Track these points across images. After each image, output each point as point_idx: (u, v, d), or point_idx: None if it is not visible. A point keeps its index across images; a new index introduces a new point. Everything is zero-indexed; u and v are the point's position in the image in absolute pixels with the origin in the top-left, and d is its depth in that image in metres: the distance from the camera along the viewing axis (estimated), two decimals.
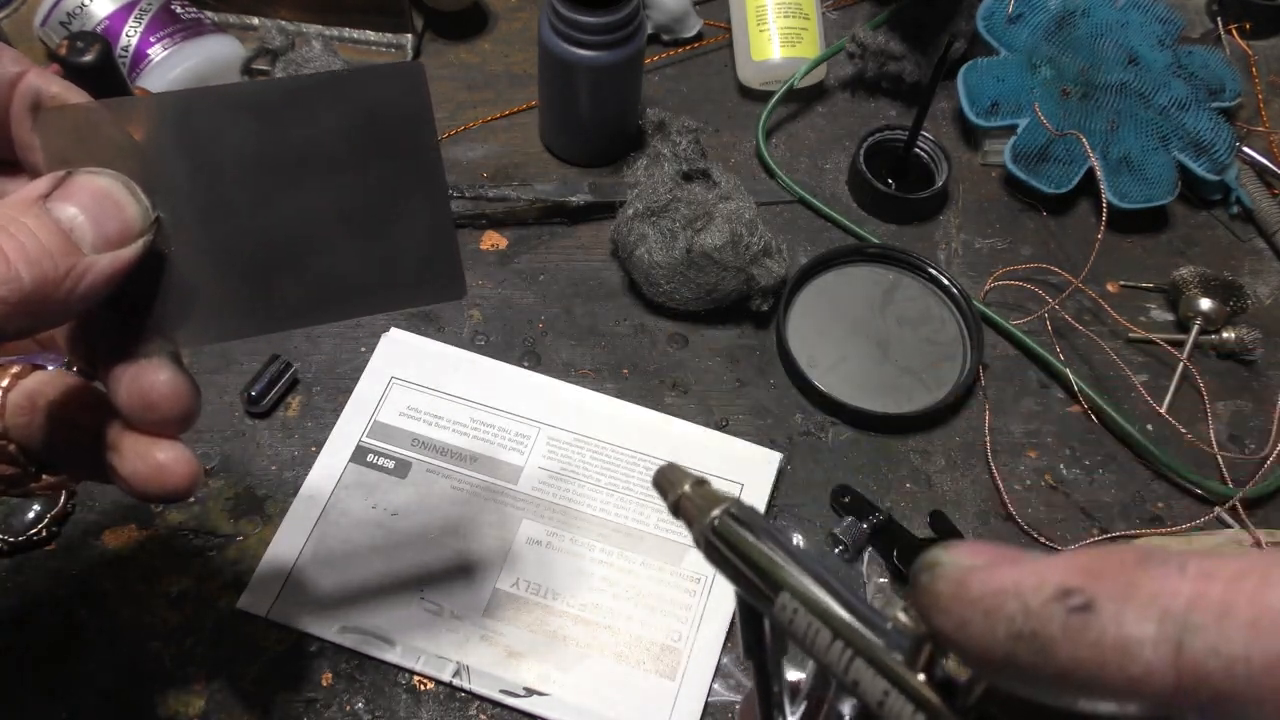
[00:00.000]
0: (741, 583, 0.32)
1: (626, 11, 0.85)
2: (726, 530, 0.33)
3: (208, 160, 0.38)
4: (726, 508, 0.34)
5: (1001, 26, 0.99)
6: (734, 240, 0.81)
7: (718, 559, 0.33)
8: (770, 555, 0.31)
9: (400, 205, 0.43)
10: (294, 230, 0.41)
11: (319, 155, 0.41)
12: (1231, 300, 0.88)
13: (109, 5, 0.91)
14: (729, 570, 0.33)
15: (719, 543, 0.33)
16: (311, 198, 0.41)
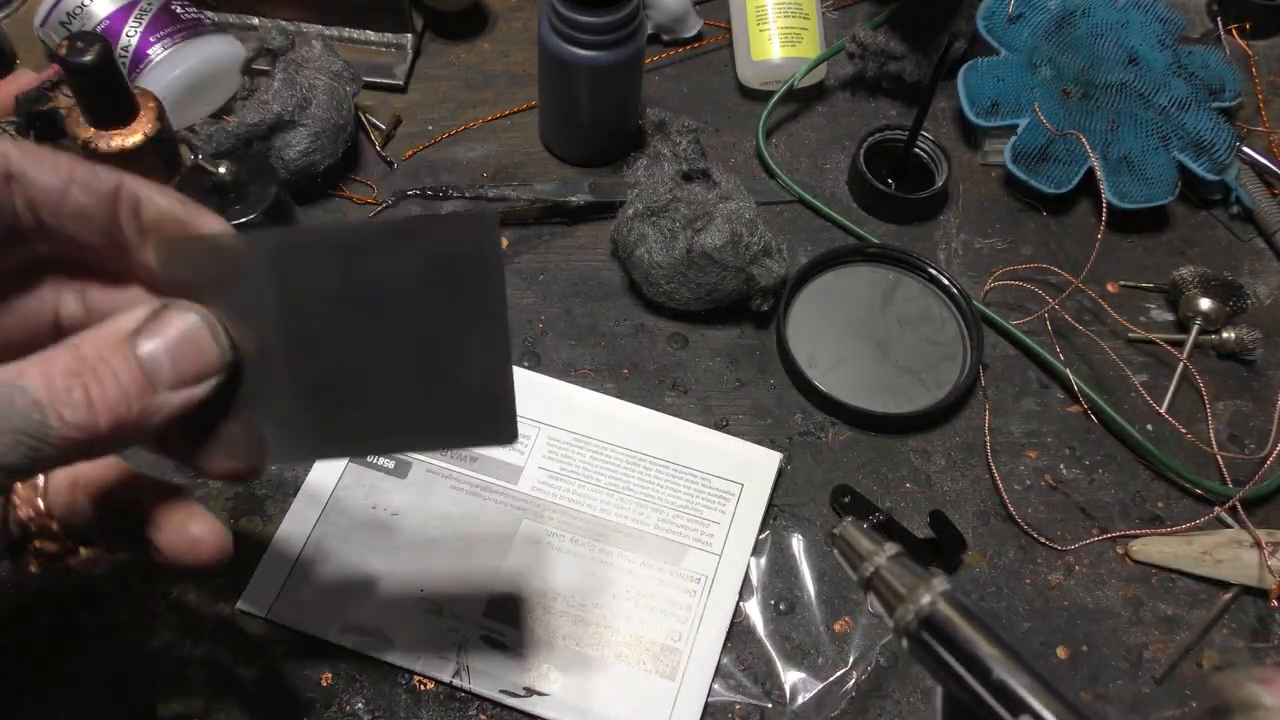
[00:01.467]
0: (956, 686, 0.28)
1: (626, 11, 0.85)
2: (942, 622, 0.28)
3: (295, 294, 0.41)
4: (942, 593, 0.29)
5: (1001, 26, 0.99)
6: (734, 240, 0.81)
7: (927, 656, 0.28)
8: (1002, 661, 0.27)
9: (463, 346, 0.45)
10: (365, 364, 0.43)
11: (394, 294, 0.43)
12: (1231, 300, 0.88)
13: (109, 5, 0.91)
14: (940, 670, 0.28)
15: (930, 637, 0.28)
16: (384, 334, 0.43)
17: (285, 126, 0.86)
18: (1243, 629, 0.76)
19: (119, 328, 0.36)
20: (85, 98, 0.82)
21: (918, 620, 0.28)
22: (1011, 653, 0.27)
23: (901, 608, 0.29)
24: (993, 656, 0.27)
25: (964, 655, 0.28)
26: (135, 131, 0.84)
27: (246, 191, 0.78)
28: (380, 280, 0.43)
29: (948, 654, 0.28)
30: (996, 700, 0.27)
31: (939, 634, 0.28)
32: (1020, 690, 0.27)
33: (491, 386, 0.47)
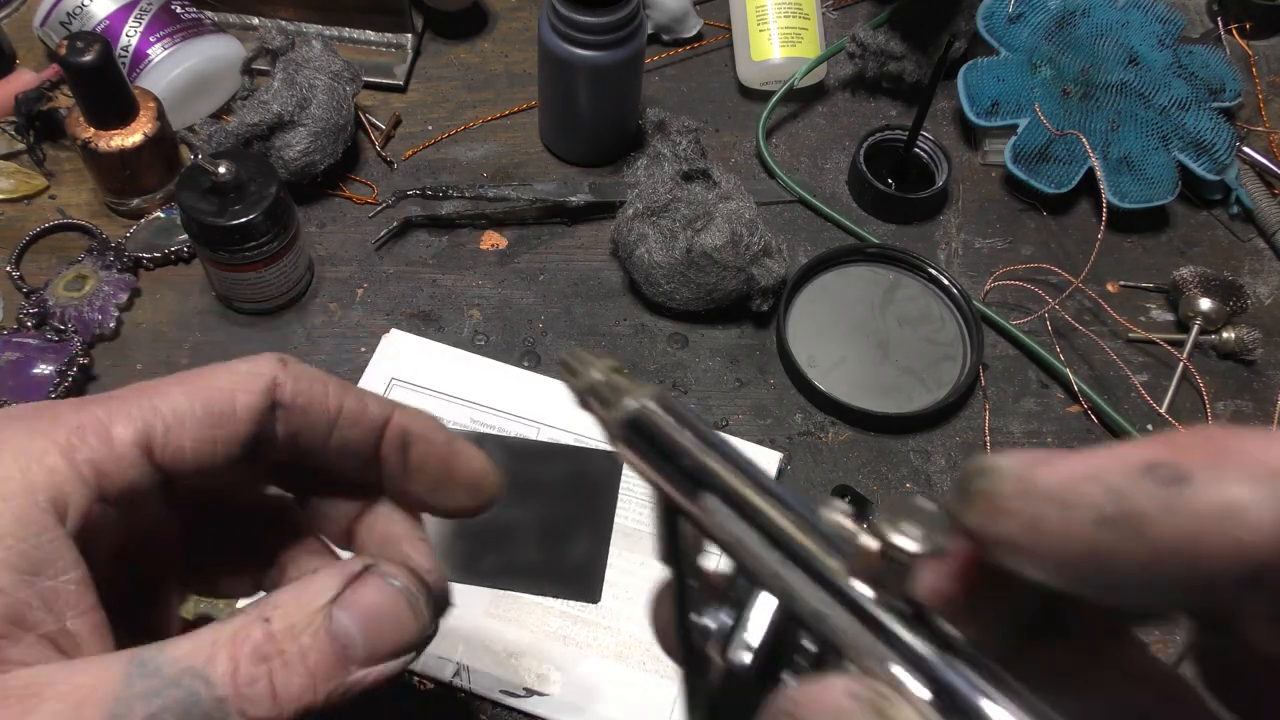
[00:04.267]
0: (661, 481, 0.28)
1: (626, 11, 0.85)
2: (648, 420, 0.28)
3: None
4: (650, 395, 0.29)
5: (1001, 26, 0.99)
6: (734, 240, 0.81)
7: (636, 452, 0.28)
8: (695, 451, 0.27)
9: (578, 531, 0.70)
10: (508, 528, 0.69)
11: (543, 487, 0.72)
12: (1231, 300, 0.88)
13: (109, 5, 0.90)
14: (648, 465, 0.28)
15: (636, 435, 0.28)
16: (527, 511, 0.70)
17: (285, 126, 0.86)
18: None
19: (315, 596, 0.33)
20: (85, 98, 0.82)
21: (626, 419, 0.28)
22: (711, 446, 0.27)
23: (612, 412, 0.28)
24: (686, 448, 0.27)
25: (666, 450, 0.27)
26: (135, 131, 0.84)
27: (246, 191, 0.78)
28: (537, 476, 0.71)
29: (651, 451, 0.27)
30: (686, 481, 0.26)
31: (645, 433, 0.28)
32: (709, 471, 0.26)
33: (590, 563, 0.69)
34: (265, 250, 0.79)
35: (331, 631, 0.32)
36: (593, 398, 0.30)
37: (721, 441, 0.27)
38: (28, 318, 0.82)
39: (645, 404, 0.28)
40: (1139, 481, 0.19)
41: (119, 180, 0.86)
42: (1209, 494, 0.18)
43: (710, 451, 0.27)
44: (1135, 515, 0.18)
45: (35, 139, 0.92)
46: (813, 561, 0.24)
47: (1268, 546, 0.17)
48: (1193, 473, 0.18)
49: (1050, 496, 0.20)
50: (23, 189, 0.91)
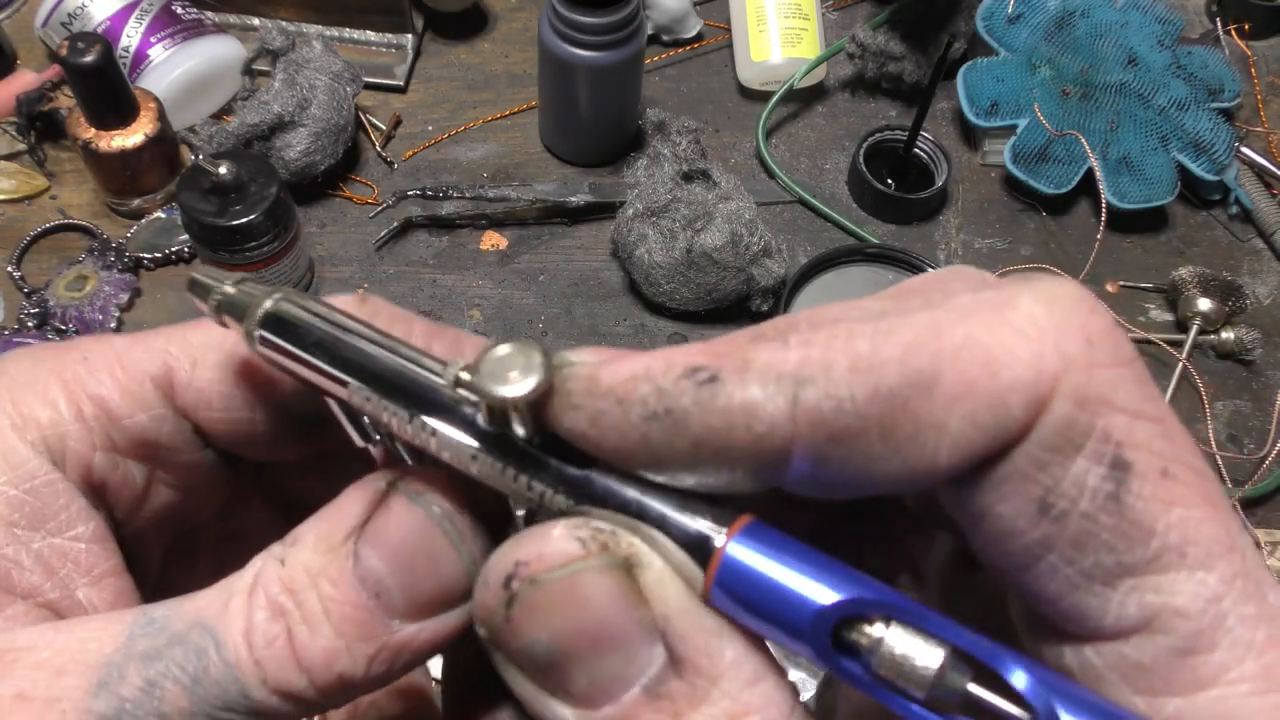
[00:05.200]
0: (309, 374, 0.26)
1: (626, 11, 0.85)
2: (283, 316, 0.26)
3: None
4: (282, 295, 0.26)
5: (1001, 26, 0.99)
6: (734, 240, 0.81)
7: (279, 352, 0.26)
8: (334, 334, 0.25)
9: None
10: None
11: None
12: (1231, 300, 0.88)
13: (110, 6, 0.91)
14: (294, 362, 0.26)
15: (275, 335, 0.25)
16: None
17: (285, 126, 0.86)
18: None
19: (335, 527, 0.25)
20: (85, 98, 0.82)
21: (261, 321, 0.26)
22: (347, 329, 0.26)
23: (249, 317, 0.26)
24: (325, 333, 0.26)
25: (312, 342, 0.25)
26: (135, 131, 0.84)
27: (247, 192, 0.78)
28: None
29: (296, 348, 0.25)
30: (333, 368, 0.25)
31: (285, 331, 0.26)
32: (347, 352, 0.25)
33: None
34: (266, 250, 0.80)
35: (359, 575, 0.24)
36: (228, 313, 0.27)
37: (357, 325, 0.26)
38: (29, 318, 0.82)
39: (277, 302, 0.26)
40: (681, 382, 0.21)
41: (120, 180, 0.86)
42: (735, 393, 0.20)
43: (348, 334, 0.26)
44: (677, 412, 0.21)
45: (36, 139, 0.92)
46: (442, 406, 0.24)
47: (781, 437, 0.20)
48: (723, 374, 0.21)
49: (609, 394, 0.21)
50: (24, 189, 0.91)
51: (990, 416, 0.20)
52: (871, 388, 0.20)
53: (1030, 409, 0.20)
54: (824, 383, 0.20)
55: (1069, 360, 0.20)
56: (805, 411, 0.20)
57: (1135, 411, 0.20)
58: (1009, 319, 0.20)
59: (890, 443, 0.20)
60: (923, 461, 0.20)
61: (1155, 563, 0.20)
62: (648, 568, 0.22)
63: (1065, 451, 0.20)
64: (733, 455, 0.21)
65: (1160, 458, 0.20)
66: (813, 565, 0.21)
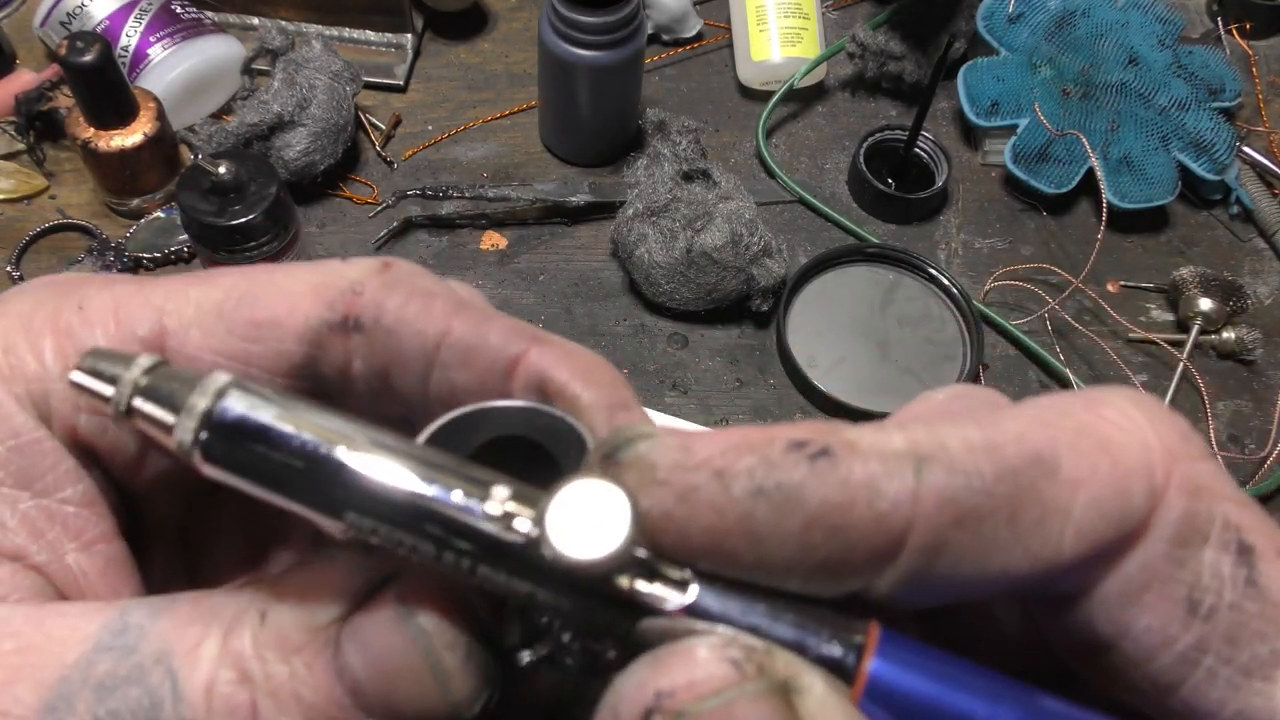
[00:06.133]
0: (279, 491, 0.20)
1: (626, 11, 0.85)
2: (236, 414, 0.20)
3: None
4: (227, 384, 0.21)
5: (1001, 26, 0.99)
6: (734, 240, 0.81)
7: (233, 468, 0.20)
8: (313, 441, 0.20)
9: None
10: None
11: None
12: (1231, 300, 0.88)
13: (109, 5, 0.90)
14: (256, 486, 0.20)
15: (228, 444, 0.20)
16: None
17: (285, 126, 0.86)
18: None
19: (317, 606, 0.22)
20: (85, 98, 0.82)
21: (206, 430, 0.20)
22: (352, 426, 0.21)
23: (183, 418, 0.20)
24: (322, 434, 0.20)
25: (294, 452, 0.20)
26: (135, 131, 0.84)
27: (246, 191, 0.78)
28: None
29: (260, 466, 0.20)
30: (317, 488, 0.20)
31: (248, 437, 0.20)
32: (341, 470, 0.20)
33: None
34: (265, 250, 0.79)
35: (337, 666, 0.22)
36: (147, 408, 0.21)
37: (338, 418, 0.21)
38: None
39: (225, 389, 0.21)
40: (789, 455, 0.19)
41: (119, 180, 0.86)
42: (854, 466, 0.19)
43: (331, 433, 0.20)
44: (789, 486, 0.19)
45: (35, 139, 0.92)
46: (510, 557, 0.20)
47: (903, 517, 0.19)
48: (834, 448, 0.19)
49: (705, 465, 0.19)
50: (23, 189, 0.91)
51: (1115, 502, 0.19)
52: (998, 466, 0.19)
53: (1150, 497, 0.19)
54: (947, 460, 0.19)
55: (1174, 452, 0.20)
56: (931, 489, 0.19)
57: (1237, 498, 0.20)
58: (1107, 415, 0.20)
59: (1016, 527, 0.19)
60: (1047, 549, 0.19)
61: None
62: (808, 692, 0.19)
63: (1195, 544, 0.19)
64: (849, 539, 0.19)
65: (1272, 538, 0.20)
66: (966, 682, 0.19)
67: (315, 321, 0.25)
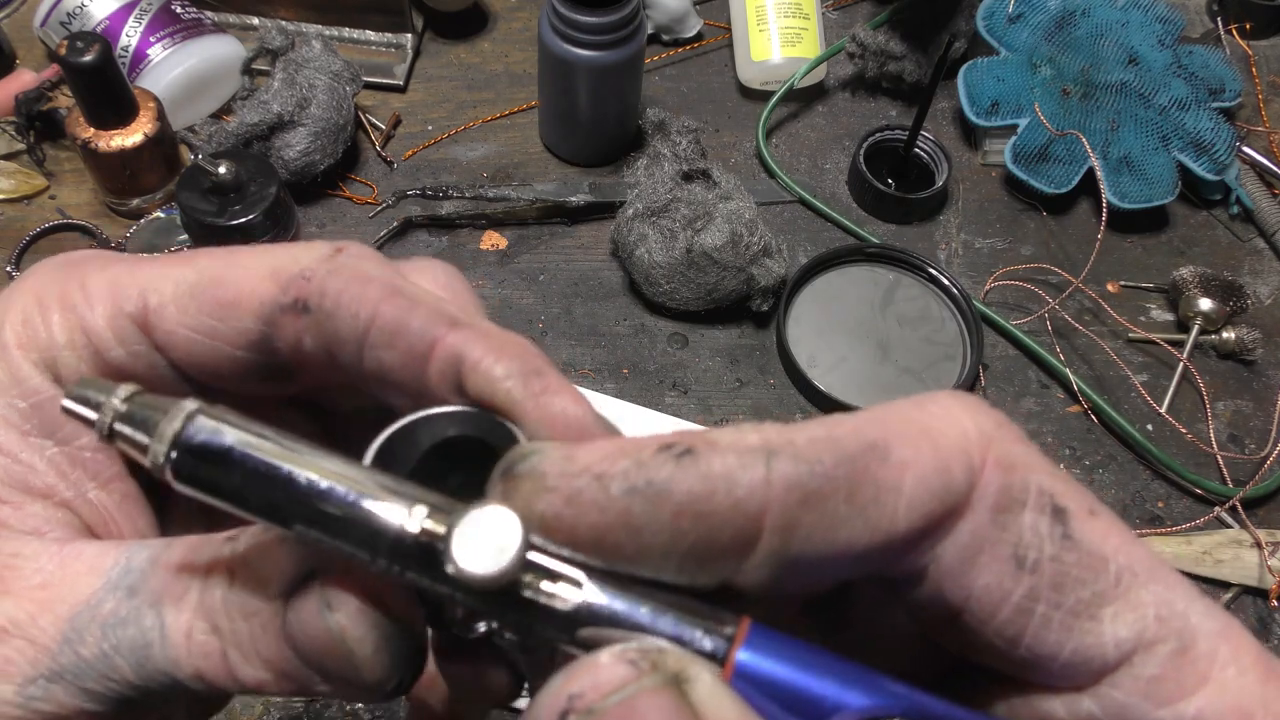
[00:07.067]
0: (239, 512, 0.24)
1: (626, 11, 0.85)
2: (201, 437, 0.23)
3: None
4: (197, 406, 0.24)
5: (1001, 26, 0.99)
6: (734, 240, 0.81)
7: (197, 485, 0.23)
8: (267, 461, 0.23)
9: None
10: None
11: None
12: (1231, 300, 0.88)
13: (109, 5, 0.90)
14: (217, 498, 0.24)
15: (194, 462, 0.23)
16: None
17: (285, 126, 0.86)
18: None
19: (269, 579, 0.26)
20: (85, 98, 0.82)
21: (174, 443, 0.23)
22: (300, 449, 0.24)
23: (155, 440, 0.23)
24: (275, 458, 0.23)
25: (241, 474, 0.23)
26: (135, 131, 0.84)
27: (246, 191, 0.78)
28: None
29: (220, 482, 0.23)
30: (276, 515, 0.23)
31: (207, 457, 0.23)
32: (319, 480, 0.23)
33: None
34: None
35: (286, 634, 0.26)
36: (128, 432, 0.24)
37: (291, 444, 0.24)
38: None
39: (191, 417, 0.24)
40: (658, 456, 0.22)
41: (119, 180, 0.86)
42: (713, 461, 0.22)
43: (282, 458, 0.23)
44: (659, 482, 0.21)
45: (35, 139, 0.92)
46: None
47: (747, 503, 0.21)
48: (697, 448, 0.22)
49: (586, 471, 0.22)
50: (23, 189, 0.91)
51: (938, 480, 0.22)
52: (836, 454, 0.22)
53: (969, 474, 0.23)
54: (792, 452, 0.22)
55: (989, 436, 0.23)
56: (780, 475, 0.22)
57: (1051, 471, 0.24)
58: (931, 410, 0.24)
59: (854, 504, 0.22)
60: (883, 522, 0.22)
61: (1119, 586, 0.23)
62: (697, 680, 0.22)
63: (1014, 509, 0.23)
64: (712, 524, 0.21)
65: (1083, 501, 0.24)
66: (824, 668, 0.22)
67: (270, 303, 0.28)
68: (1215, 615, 0.23)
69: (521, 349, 0.28)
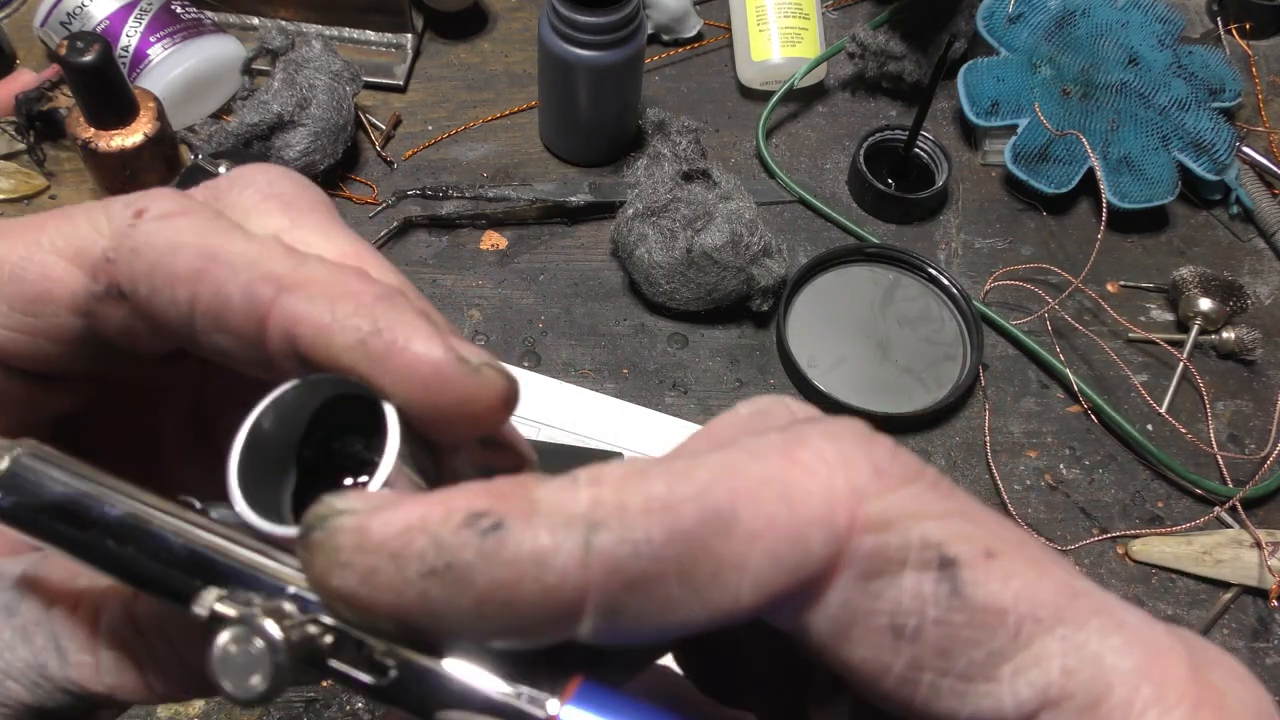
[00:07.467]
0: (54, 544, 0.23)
1: (626, 11, 0.85)
2: (20, 475, 0.23)
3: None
4: (24, 449, 0.23)
5: (1001, 26, 0.99)
6: (734, 240, 0.81)
7: (14, 523, 0.23)
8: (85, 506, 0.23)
9: None
10: None
11: None
12: (1231, 300, 0.88)
13: (109, 5, 0.90)
14: (36, 537, 0.23)
15: (6, 496, 0.23)
16: None
17: (285, 126, 0.86)
18: (1243, 629, 0.76)
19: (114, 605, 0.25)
20: (85, 98, 0.82)
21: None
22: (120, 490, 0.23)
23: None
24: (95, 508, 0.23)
25: (65, 517, 0.23)
26: (135, 131, 0.84)
27: None
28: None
29: (33, 522, 0.23)
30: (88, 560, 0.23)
31: (19, 492, 0.23)
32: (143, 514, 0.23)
33: None
34: None
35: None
36: None
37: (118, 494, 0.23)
38: None
39: (15, 460, 0.23)
40: (462, 532, 0.19)
41: (119, 180, 0.86)
42: (523, 542, 0.19)
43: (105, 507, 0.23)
44: (459, 566, 0.19)
45: (35, 139, 0.92)
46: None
47: (574, 588, 0.19)
48: (508, 521, 0.19)
49: (381, 549, 0.19)
50: (23, 189, 0.91)
51: (791, 552, 0.20)
52: (669, 529, 0.19)
53: (831, 540, 0.20)
54: (618, 526, 0.19)
55: (862, 489, 0.20)
56: (599, 558, 0.19)
57: (940, 514, 0.21)
58: (800, 459, 0.21)
59: (690, 585, 0.19)
60: (725, 602, 0.20)
61: (1019, 638, 0.20)
62: None
63: (890, 572, 0.20)
64: (521, 610, 0.19)
65: (979, 542, 0.20)
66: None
67: (82, 294, 0.25)
68: (1136, 647, 0.20)
69: (355, 299, 0.23)
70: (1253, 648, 0.75)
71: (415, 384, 0.23)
